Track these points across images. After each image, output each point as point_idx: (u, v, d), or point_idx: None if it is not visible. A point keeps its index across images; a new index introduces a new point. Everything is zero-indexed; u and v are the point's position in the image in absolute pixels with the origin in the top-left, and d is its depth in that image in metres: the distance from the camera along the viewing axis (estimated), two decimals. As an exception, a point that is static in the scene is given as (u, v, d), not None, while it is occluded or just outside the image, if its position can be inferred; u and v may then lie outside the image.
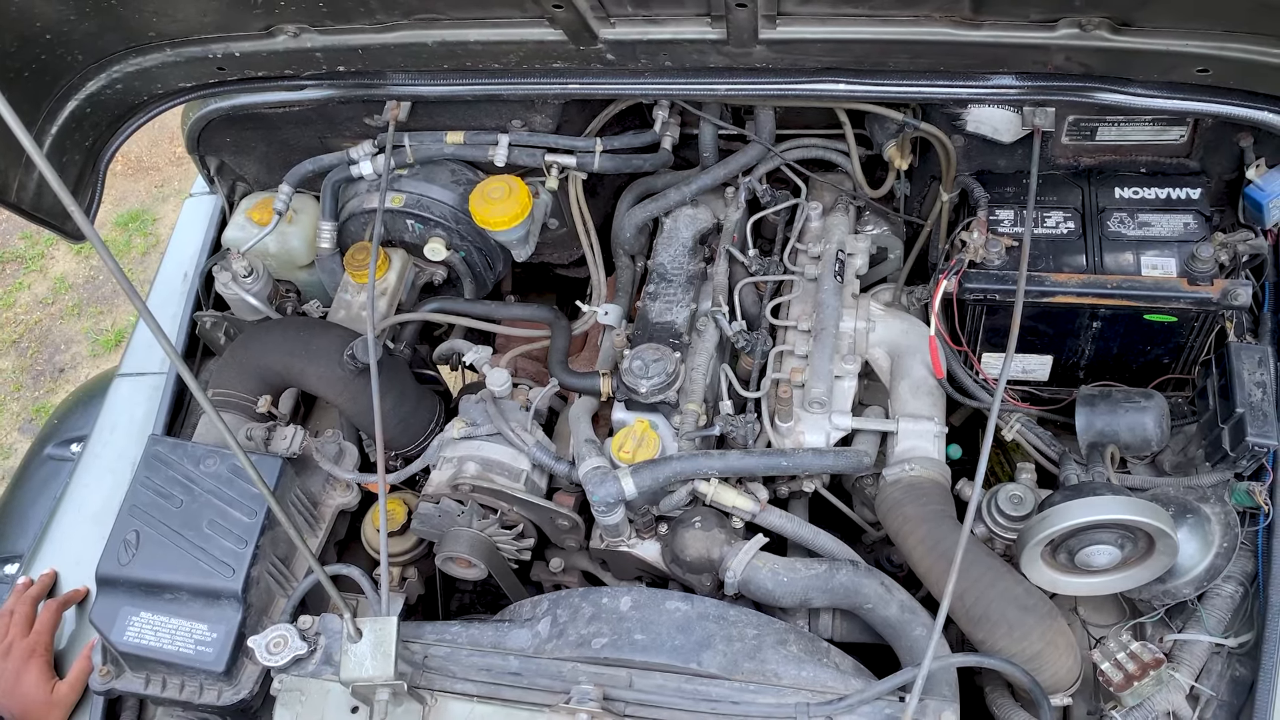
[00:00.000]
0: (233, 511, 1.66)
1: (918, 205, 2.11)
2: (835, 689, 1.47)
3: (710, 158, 2.08)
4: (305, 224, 2.18)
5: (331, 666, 1.53)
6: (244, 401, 1.84)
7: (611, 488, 1.65)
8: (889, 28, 1.55)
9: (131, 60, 1.77)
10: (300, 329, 1.96)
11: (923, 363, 1.81)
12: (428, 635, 1.60)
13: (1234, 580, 1.59)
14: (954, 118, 1.83)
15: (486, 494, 1.76)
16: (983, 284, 1.76)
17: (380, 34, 1.71)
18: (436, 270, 2.13)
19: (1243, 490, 1.59)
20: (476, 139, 2.00)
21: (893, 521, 1.68)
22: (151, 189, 5.02)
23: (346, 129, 2.06)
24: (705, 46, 1.65)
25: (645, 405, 1.77)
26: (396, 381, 1.91)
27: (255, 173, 2.25)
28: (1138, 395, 1.73)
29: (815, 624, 1.73)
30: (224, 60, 1.79)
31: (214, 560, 1.62)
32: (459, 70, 1.82)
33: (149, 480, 1.69)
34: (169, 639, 1.61)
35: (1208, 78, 1.55)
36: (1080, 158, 1.87)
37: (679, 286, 1.95)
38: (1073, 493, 1.53)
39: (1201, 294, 1.69)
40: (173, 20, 1.68)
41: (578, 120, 2.06)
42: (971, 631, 1.56)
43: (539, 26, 1.64)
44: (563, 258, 2.36)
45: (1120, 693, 1.53)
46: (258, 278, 2.04)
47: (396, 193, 2.04)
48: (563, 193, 2.10)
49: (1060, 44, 1.52)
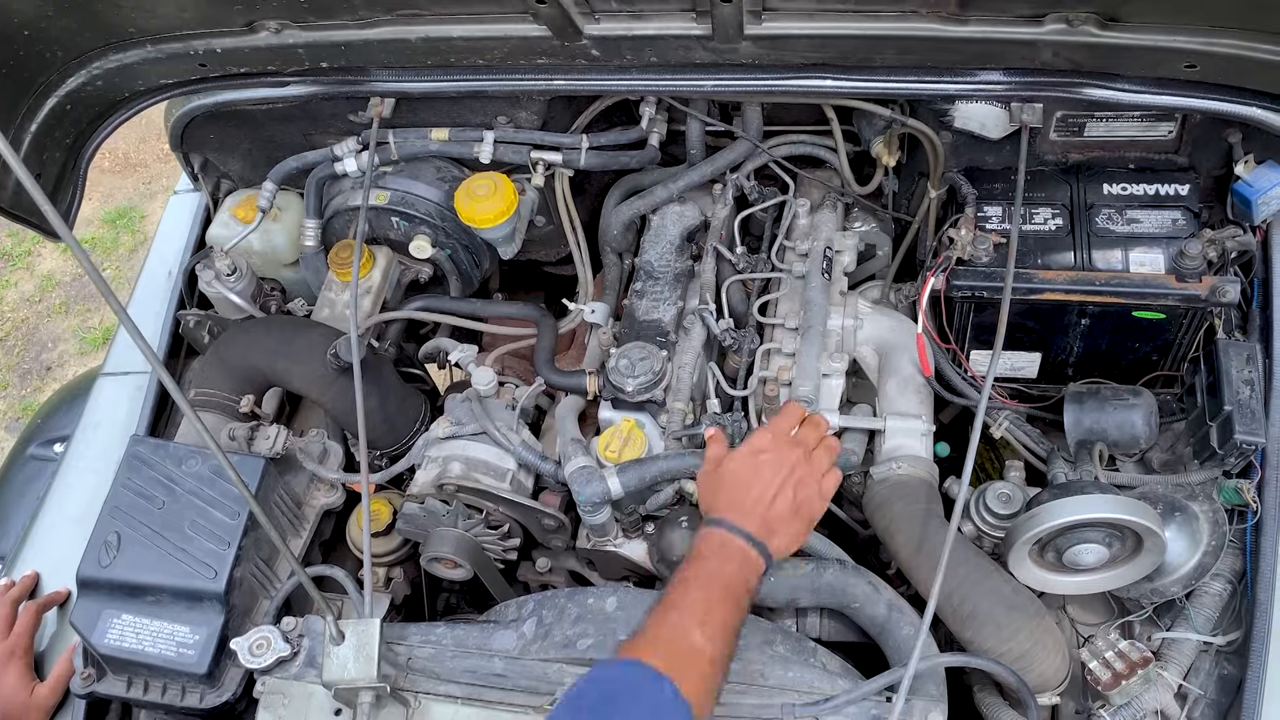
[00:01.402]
0: (215, 512, 1.64)
1: (906, 202, 2.10)
2: (821, 689, 1.46)
3: (697, 154, 2.06)
4: (289, 221, 2.16)
5: (315, 669, 1.52)
6: (227, 401, 1.83)
7: (598, 487, 1.64)
8: (875, 23, 1.55)
9: (111, 57, 1.75)
10: (284, 328, 1.94)
11: (910, 360, 1.80)
12: (412, 637, 1.59)
13: (1222, 578, 1.59)
14: (941, 114, 1.82)
15: (472, 494, 1.75)
16: (971, 281, 1.75)
17: (363, 30, 1.70)
18: (422, 268, 2.12)
19: (1231, 488, 1.58)
20: (461, 136, 1.98)
21: (880, 520, 1.67)
22: (139, 186, 5.00)
23: (331, 126, 2.05)
24: (690, 42, 1.64)
25: (632, 404, 1.76)
26: (381, 380, 1.89)
27: (239, 170, 2.24)
28: (1126, 393, 1.72)
29: (803, 623, 1.72)
30: (205, 57, 1.78)
31: (196, 562, 1.60)
32: (443, 66, 1.81)
33: (130, 481, 1.67)
34: (151, 641, 1.59)
35: (1195, 73, 1.54)
36: (1068, 154, 1.86)
37: (666, 284, 1.94)
38: (1060, 491, 1.53)
39: (1190, 291, 1.68)
40: (152, 16, 1.66)
41: (564, 117, 2.04)
42: (959, 630, 1.55)
43: (523, 22, 1.63)
44: (550, 255, 2.35)
45: (1108, 692, 1.52)
46: (241, 276, 2.02)
47: (381, 190, 2.02)
48: (549, 190, 2.09)
49: (1047, 39, 1.51)
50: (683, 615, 1.29)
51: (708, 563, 1.37)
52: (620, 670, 1.22)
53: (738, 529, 1.40)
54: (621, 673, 1.21)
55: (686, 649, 1.25)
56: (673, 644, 1.26)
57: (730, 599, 1.33)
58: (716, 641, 1.27)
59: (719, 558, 1.37)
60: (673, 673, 1.19)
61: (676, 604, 1.31)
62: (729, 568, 1.36)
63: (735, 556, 1.38)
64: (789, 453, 1.48)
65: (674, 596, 1.32)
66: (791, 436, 1.52)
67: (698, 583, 1.34)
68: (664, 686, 1.17)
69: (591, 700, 1.18)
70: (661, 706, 1.17)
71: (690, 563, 1.38)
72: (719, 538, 1.40)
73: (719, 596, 1.32)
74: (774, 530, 1.42)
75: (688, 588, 1.33)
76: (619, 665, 1.23)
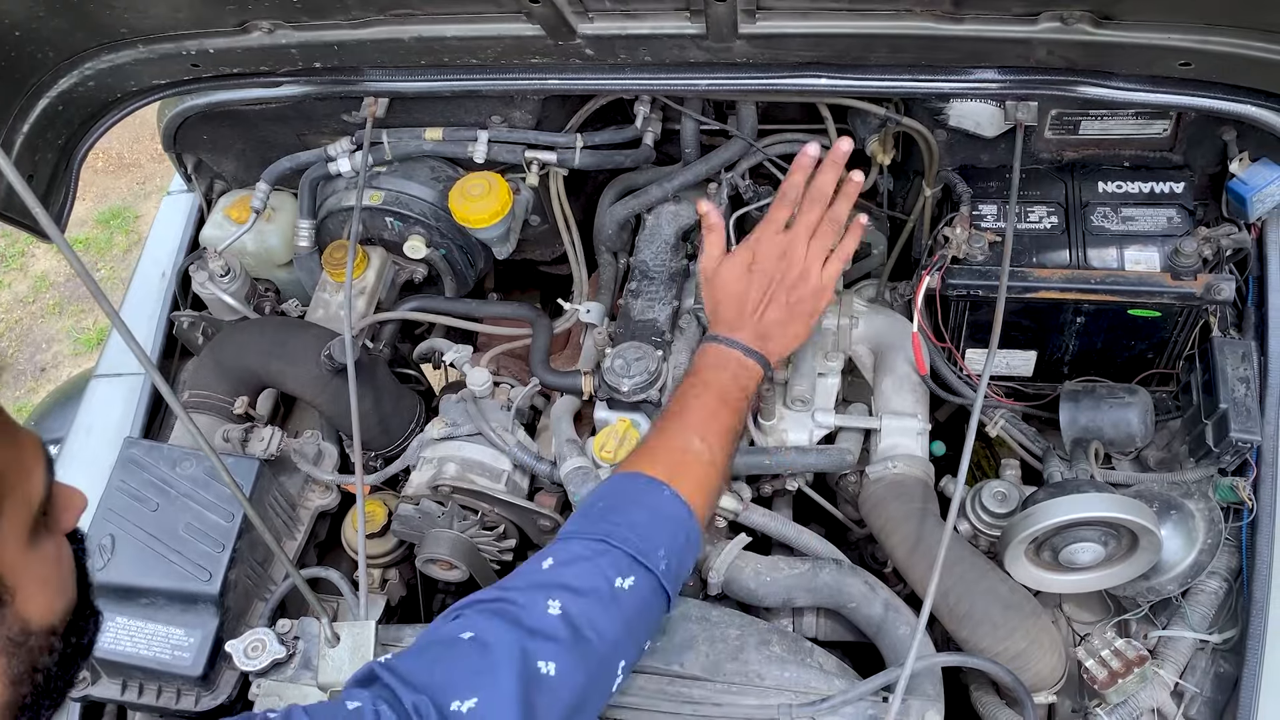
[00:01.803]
0: (209, 515, 1.64)
1: (901, 200, 2.10)
2: (818, 690, 1.46)
3: (692, 153, 2.06)
4: (283, 222, 2.16)
5: (311, 671, 1.52)
6: (221, 403, 1.82)
7: (593, 488, 1.64)
8: (870, 22, 1.54)
9: (104, 57, 1.74)
10: (277, 329, 1.94)
11: (906, 359, 1.80)
12: (408, 638, 1.58)
13: (1218, 576, 1.59)
14: (936, 112, 1.82)
15: (467, 495, 1.74)
16: (966, 280, 1.75)
17: (356, 30, 1.69)
18: (416, 268, 2.11)
19: (1227, 486, 1.58)
20: (456, 135, 1.98)
21: (876, 519, 1.67)
22: (133, 185, 4.99)
23: (324, 126, 2.04)
24: (685, 41, 1.63)
25: (627, 404, 1.76)
26: (375, 381, 1.89)
27: (233, 170, 2.23)
28: (1122, 391, 1.72)
29: (799, 623, 1.72)
30: (198, 57, 1.77)
31: (191, 564, 1.60)
32: (437, 66, 1.80)
33: (124, 483, 1.67)
34: (145, 644, 1.58)
35: (1190, 71, 1.54)
36: (1063, 152, 1.86)
37: (661, 284, 1.93)
38: (1056, 490, 1.53)
39: (1185, 289, 1.68)
40: (145, 16, 1.65)
41: (558, 116, 2.04)
42: (955, 630, 1.55)
43: (516, 21, 1.62)
44: (545, 254, 2.34)
45: (1105, 690, 1.52)
46: (235, 277, 2.02)
47: (375, 190, 2.02)
48: (544, 189, 2.08)
49: (1042, 38, 1.51)
50: (681, 425, 1.40)
51: (703, 374, 1.47)
52: (621, 481, 1.33)
53: (732, 341, 1.49)
54: (623, 483, 1.33)
55: (684, 456, 1.36)
56: (671, 453, 1.37)
57: (727, 406, 1.44)
58: (714, 447, 1.38)
59: (714, 369, 1.48)
60: (672, 479, 1.31)
61: (676, 414, 1.43)
62: (723, 376, 1.46)
63: (730, 366, 1.48)
64: (778, 260, 1.55)
65: (673, 409, 1.44)
66: (784, 234, 1.57)
67: (694, 393, 1.45)
68: (663, 489, 1.29)
69: (598, 509, 1.29)
70: (661, 505, 1.29)
71: (688, 376, 1.50)
72: (715, 351, 1.50)
73: (715, 404, 1.43)
74: (768, 336, 1.51)
75: (685, 400, 1.44)
76: (620, 477, 1.34)
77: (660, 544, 1.24)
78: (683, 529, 1.29)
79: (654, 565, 1.22)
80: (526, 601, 1.15)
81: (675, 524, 1.28)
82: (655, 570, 1.22)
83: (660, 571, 1.23)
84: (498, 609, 1.15)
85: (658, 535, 1.25)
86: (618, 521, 1.25)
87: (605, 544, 1.22)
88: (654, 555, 1.23)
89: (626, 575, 1.20)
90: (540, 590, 1.16)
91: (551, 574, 1.20)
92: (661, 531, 1.26)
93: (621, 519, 1.26)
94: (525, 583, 1.19)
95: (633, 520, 1.26)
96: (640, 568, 1.21)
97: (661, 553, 1.24)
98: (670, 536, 1.27)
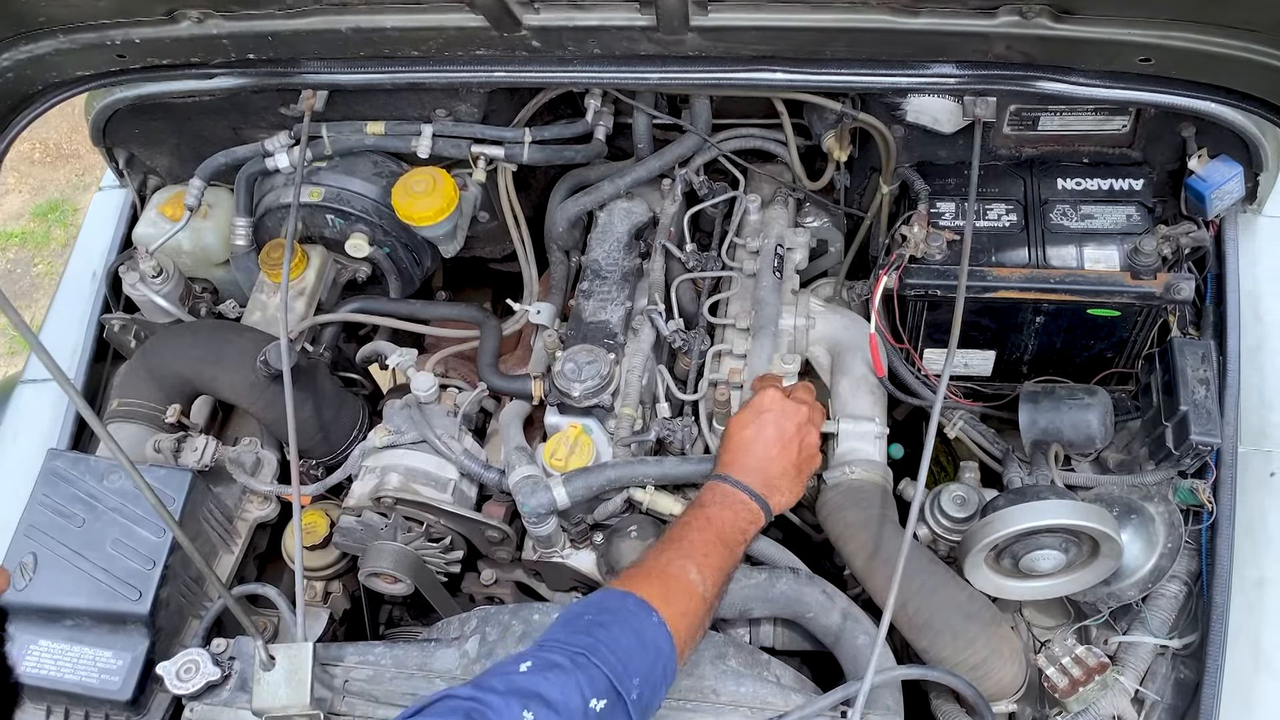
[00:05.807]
0: (139, 530, 1.57)
1: (858, 197, 2.06)
2: (775, 705, 1.42)
3: (645, 149, 2.01)
4: (221, 219, 2.07)
5: (247, 693, 1.44)
6: (152, 411, 1.74)
7: (543, 498, 1.58)
8: (825, 14, 1.49)
9: (21, 47, 1.65)
10: (212, 333, 1.86)
11: (863, 360, 1.76)
12: (349, 658, 1.52)
13: (1178, 580, 1.57)
14: (893, 108, 1.78)
15: (411, 506, 1.68)
16: (924, 279, 1.71)
17: (291, 20, 1.61)
18: (359, 267, 2.04)
19: (1186, 489, 1.56)
20: (398, 129, 1.91)
21: (834, 526, 1.63)
22: (72, 177, 4.82)
23: (261, 119, 1.96)
24: (635, 33, 1.57)
25: (579, 409, 1.70)
26: (315, 387, 1.81)
27: (167, 165, 2.14)
28: (1081, 392, 1.70)
29: (756, 633, 1.67)
30: (124, 47, 1.68)
31: (119, 583, 1.53)
32: (377, 58, 1.73)
33: (48, 498, 1.59)
34: (71, 668, 1.51)
35: (1150, 67, 1.51)
36: (1022, 148, 1.83)
37: (614, 284, 1.88)
38: (1016, 496, 1.49)
39: (1145, 288, 1.66)
40: (64, 5, 1.56)
41: (506, 109, 1.97)
42: (915, 639, 1.52)
43: (459, 12, 1.55)
44: (495, 252, 2.28)
45: (1066, 698, 1.50)
46: (167, 278, 1.93)
47: (314, 186, 1.94)
48: (492, 185, 2.02)
49: (1000, 32, 1.47)
50: (680, 554, 1.38)
51: (708, 509, 1.46)
52: (613, 597, 1.30)
53: (740, 484, 1.49)
54: (614, 599, 1.30)
55: (679, 585, 1.34)
56: (666, 579, 1.35)
57: (726, 545, 1.43)
58: (708, 583, 1.37)
59: (719, 505, 1.47)
60: (662, 605, 1.29)
61: (676, 542, 1.41)
62: (727, 514, 1.46)
63: (735, 506, 1.47)
64: (792, 412, 1.55)
65: (674, 535, 1.43)
66: (791, 397, 1.58)
67: (697, 525, 1.43)
68: (652, 615, 1.27)
69: (584, 622, 1.26)
70: (646, 631, 1.26)
71: (692, 508, 1.48)
72: (722, 490, 1.49)
73: (715, 540, 1.42)
74: (775, 488, 1.52)
75: (688, 529, 1.43)
76: (613, 593, 1.31)
77: (637, 672, 1.21)
78: (661, 661, 1.25)
79: (627, 693, 1.19)
80: (503, 708, 1.12)
81: (656, 655, 1.25)
82: (628, 699, 1.19)
83: (631, 701, 1.19)
84: (471, 711, 1.11)
85: (637, 663, 1.22)
86: (602, 639, 1.22)
87: (586, 659, 1.19)
88: (629, 683, 1.19)
89: (601, 697, 1.17)
90: (517, 698, 1.13)
91: (529, 680, 1.16)
92: (642, 660, 1.23)
93: (606, 636, 1.22)
94: (504, 686, 1.15)
95: (617, 641, 1.22)
96: (614, 693, 1.18)
97: (636, 681, 1.20)
98: (649, 667, 1.23)
